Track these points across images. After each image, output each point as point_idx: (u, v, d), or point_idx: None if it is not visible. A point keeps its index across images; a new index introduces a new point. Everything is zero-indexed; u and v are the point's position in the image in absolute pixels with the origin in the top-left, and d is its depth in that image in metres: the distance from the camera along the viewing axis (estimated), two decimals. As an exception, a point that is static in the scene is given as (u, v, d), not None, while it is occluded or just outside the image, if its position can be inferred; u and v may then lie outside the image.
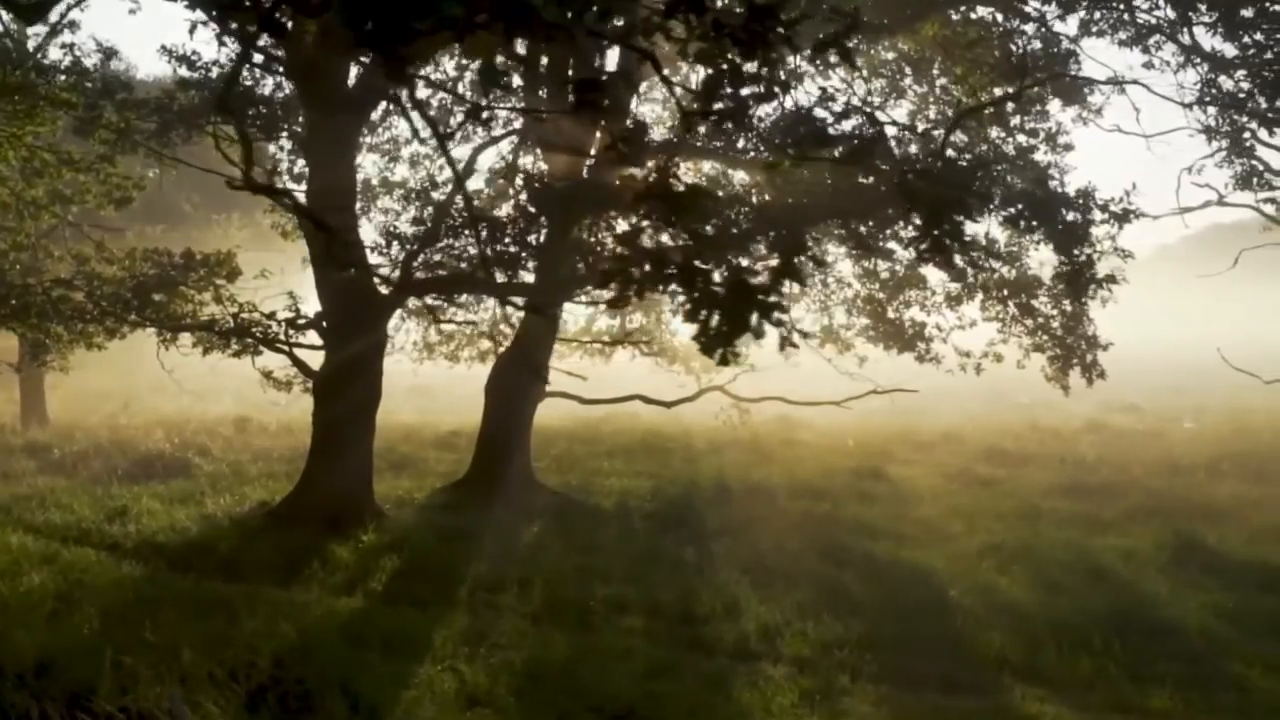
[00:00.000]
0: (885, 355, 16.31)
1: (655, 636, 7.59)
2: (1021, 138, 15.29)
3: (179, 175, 15.66)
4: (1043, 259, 14.17)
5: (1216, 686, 6.65)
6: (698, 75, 15.84)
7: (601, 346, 19.66)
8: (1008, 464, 16.07)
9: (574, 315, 19.39)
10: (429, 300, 16.27)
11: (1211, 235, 49.87)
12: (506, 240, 10.47)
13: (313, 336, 11.48)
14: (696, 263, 2.66)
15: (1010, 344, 14.49)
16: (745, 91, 3.40)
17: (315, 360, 11.83)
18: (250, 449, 16.76)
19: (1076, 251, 9.75)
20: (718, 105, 3.38)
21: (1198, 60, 11.07)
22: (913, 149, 14.28)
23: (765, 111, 9.47)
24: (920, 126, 12.36)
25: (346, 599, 8.49)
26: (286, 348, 11.47)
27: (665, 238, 2.91)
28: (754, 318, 2.56)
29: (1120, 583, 9.05)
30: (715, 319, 2.56)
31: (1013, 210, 9.41)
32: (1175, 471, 14.94)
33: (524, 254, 10.63)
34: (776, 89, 3.50)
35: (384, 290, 11.36)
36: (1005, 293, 13.62)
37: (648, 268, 2.60)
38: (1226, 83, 10.91)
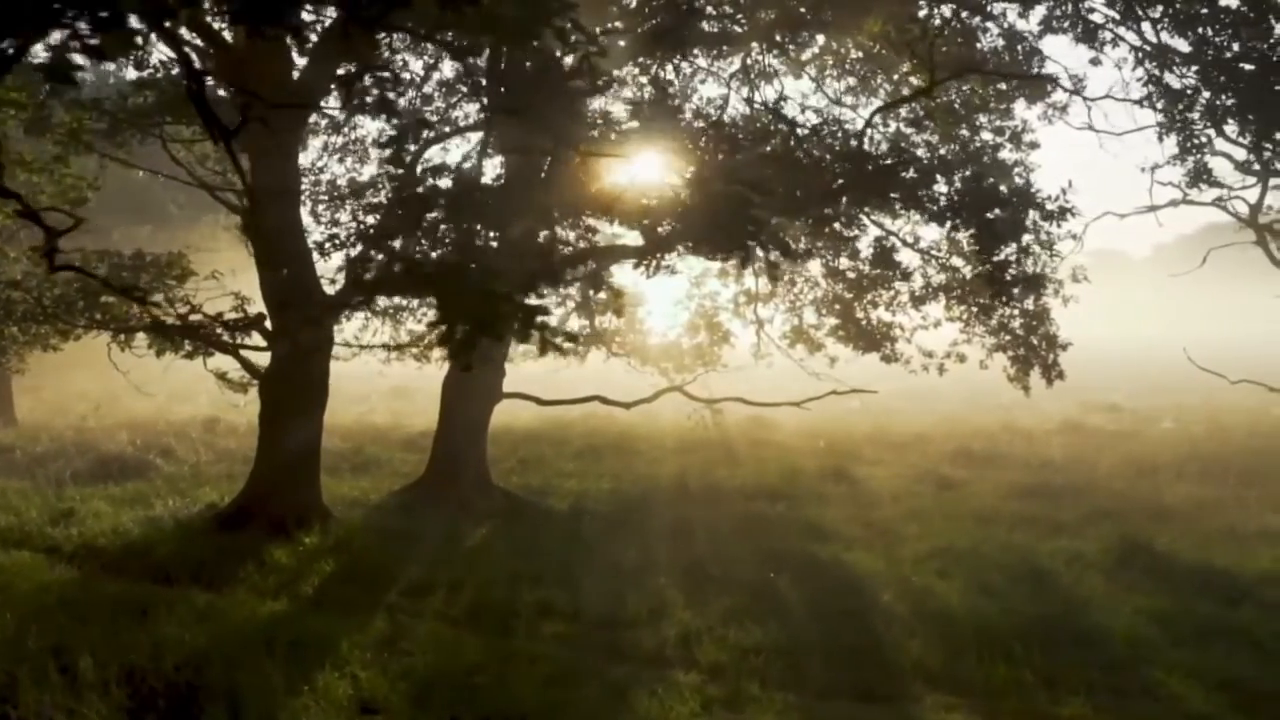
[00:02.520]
0: (860, 356, 16.19)
1: (573, 642, 7.49)
2: (987, 135, 15.26)
3: (166, 177, 15.60)
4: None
5: (1132, 694, 6.53)
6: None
7: (575, 347, 19.56)
8: (975, 465, 15.93)
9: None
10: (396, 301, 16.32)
11: (1208, 234, 49.54)
12: (446, 241, 10.35)
13: (260, 338, 11.40)
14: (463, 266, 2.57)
15: (975, 344, 14.40)
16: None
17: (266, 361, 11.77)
18: (215, 450, 16.72)
19: (999, 250, 9.59)
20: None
21: (1146, 55, 10.88)
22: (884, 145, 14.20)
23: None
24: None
25: (272, 603, 8.40)
26: (232, 348, 11.38)
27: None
28: (514, 323, 2.47)
29: (1058, 587, 8.91)
30: (462, 325, 2.47)
31: (935, 207, 9.27)
32: (1141, 473, 14.78)
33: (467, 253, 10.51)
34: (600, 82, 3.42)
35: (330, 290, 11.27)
36: (966, 291, 13.49)
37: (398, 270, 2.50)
38: (1174, 80, 10.77)
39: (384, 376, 18.87)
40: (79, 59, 2.34)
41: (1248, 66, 9.66)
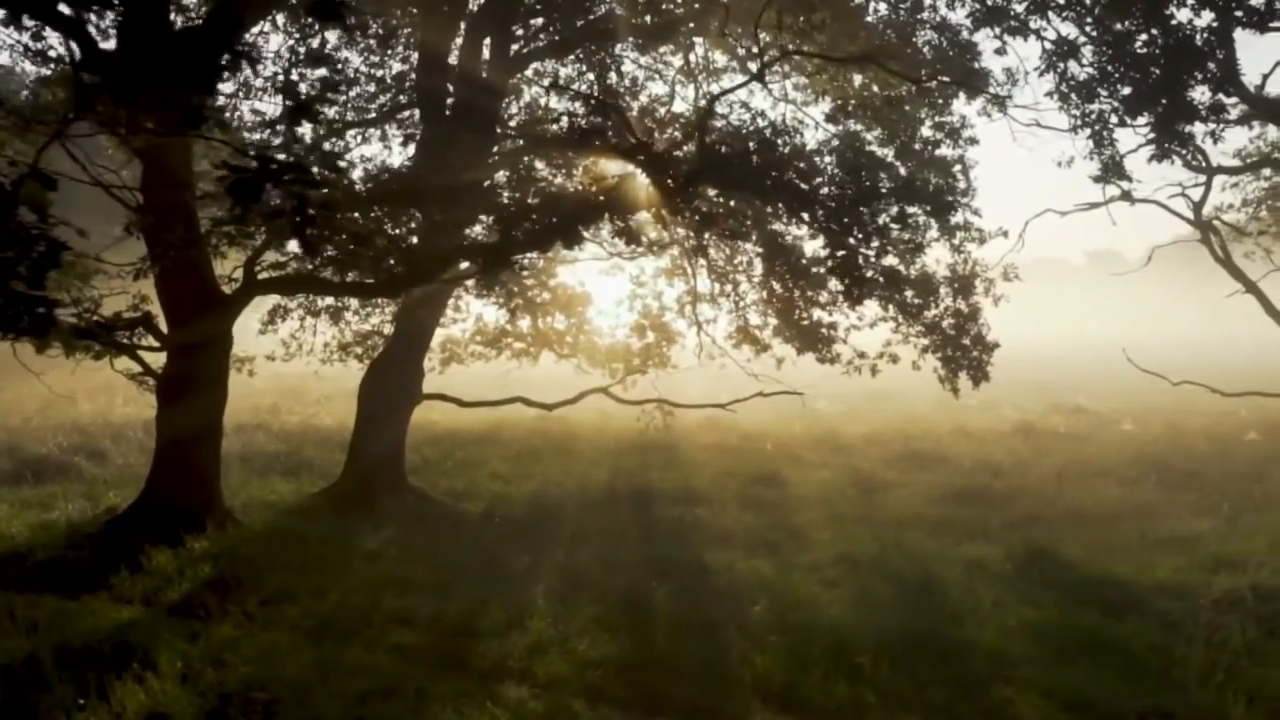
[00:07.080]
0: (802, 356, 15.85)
1: (416, 652, 7.21)
2: (927, 131, 14.93)
3: (128, 175, 15.31)
4: (937, 257, 13.76)
5: (974, 715, 6.21)
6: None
7: (526, 346, 19.32)
8: (913, 468, 15.57)
9: (493, 318, 19.00)
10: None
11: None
12: (343, 237, 10.11)
13: (152, 338, 11.18)
14: None
15: (910, 345, 14.04)
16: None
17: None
18: (148, 451, 16.46)
19: (843, 243, 9.18)
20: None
21: (1056, 47, 10.52)
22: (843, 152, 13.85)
23: None
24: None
25: (128, 610, 8.17)
26: (128, 348, 11.15)
27: None
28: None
29: (946, 597, 8.57)
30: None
31: (793, 201, 8.92)
32: (1078, 476, 14.38)
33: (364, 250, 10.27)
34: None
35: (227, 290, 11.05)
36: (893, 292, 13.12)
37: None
38: (1077, 71, 10.40)
39: (319, 377, 18.60)
40: None
41: (1159, 59, 9.31)
